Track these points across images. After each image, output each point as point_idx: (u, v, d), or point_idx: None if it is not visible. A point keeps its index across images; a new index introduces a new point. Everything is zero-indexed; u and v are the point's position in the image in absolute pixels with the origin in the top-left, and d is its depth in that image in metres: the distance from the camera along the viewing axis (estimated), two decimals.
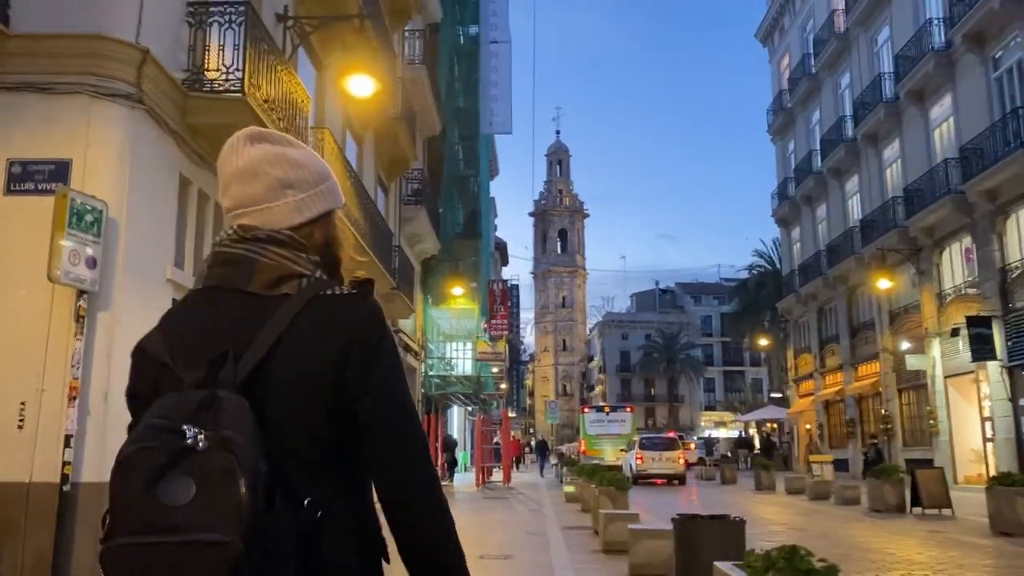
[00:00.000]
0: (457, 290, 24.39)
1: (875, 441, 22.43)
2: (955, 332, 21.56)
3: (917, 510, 15.57)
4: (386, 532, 1.35)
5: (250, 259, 1.34)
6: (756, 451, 40.43)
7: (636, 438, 30.20)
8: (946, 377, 23.51)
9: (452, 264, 25.59)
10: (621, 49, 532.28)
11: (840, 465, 27.96)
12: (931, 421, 23.97)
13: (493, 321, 30.29)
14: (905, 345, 24.84)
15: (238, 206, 1.39)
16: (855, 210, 30.16)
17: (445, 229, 24.87)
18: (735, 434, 66.56)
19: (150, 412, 1.20)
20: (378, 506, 1.35)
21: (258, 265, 1.33)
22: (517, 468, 40.38)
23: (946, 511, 15.30)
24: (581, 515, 15.46)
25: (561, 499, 20.31)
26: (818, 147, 33.00)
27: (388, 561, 1.36)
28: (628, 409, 36.01)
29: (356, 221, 14.24)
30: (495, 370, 39.73)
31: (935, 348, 23.82)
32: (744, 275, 51.54)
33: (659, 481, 27.05)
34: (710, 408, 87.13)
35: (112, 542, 1.12)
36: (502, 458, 26.94)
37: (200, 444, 1.14)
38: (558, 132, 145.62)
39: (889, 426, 26.74)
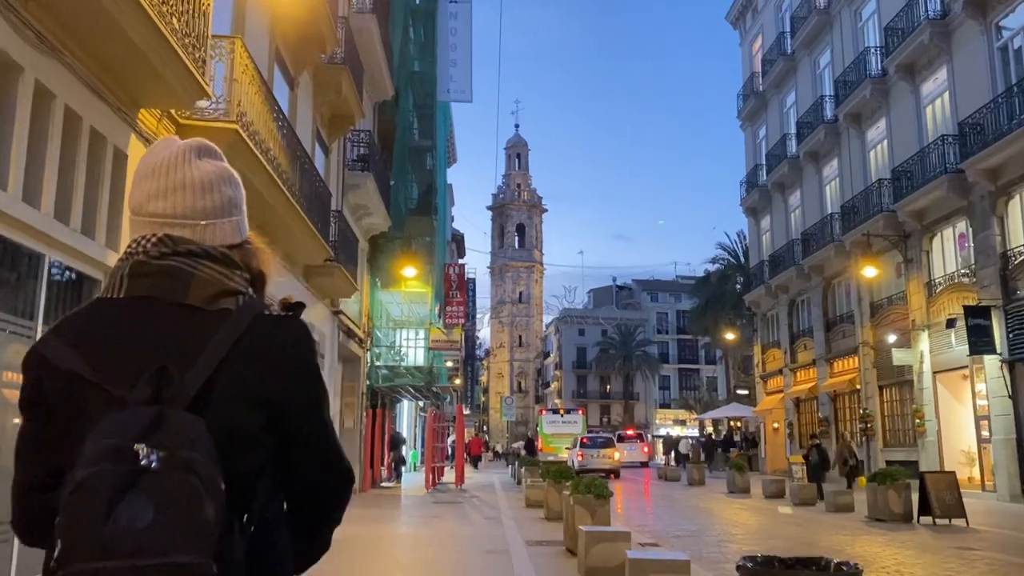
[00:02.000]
0: (409, 271, 22.00)
1: (817, 442, 20.43)
2: (950, 323, 19.86)
3: (926, 519, 13.74)
4: None
5: (186, 272, 1.31)
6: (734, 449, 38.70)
7: (580, 437, 33.56)
8: (935, 373, 21.86)
9: (404, 242, 23.22)
10: (574, 44, 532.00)
11: None
12: (917, 420, 22.31)
13: (448, 308, 28.00)
14: (891, 338, 23.13)
15: (179, 216, 1.35)
16: (834, 196, 28.49)
17: (397, 204, 22.50)
18: (692, 433, 65.28)
19: (97, 433, 1.15)
20: None
21: (195, 279, 1.31)
22: (475, 467, 40.05)
23: (958, 521, 13.48)
24: (546, 525, 13.30)
25: (520, 503, 18.17)
26: (793, 131, 31.30)
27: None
28: (580, 411, 42.23)
29: (283, 171, 11.89)
30: (449, 364, 37.50)
31: (923, 341, 22.16)
32: (703, 272, 50.20)
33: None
34: (665, 406, 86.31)
35: (70, 568, 1.08)
36: (455, 458, 24.63)
37: (154, 464, 1.11)
38: (517, 126, 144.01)
39: (869, 425, 25.06)
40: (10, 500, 1.29)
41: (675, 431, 73.53)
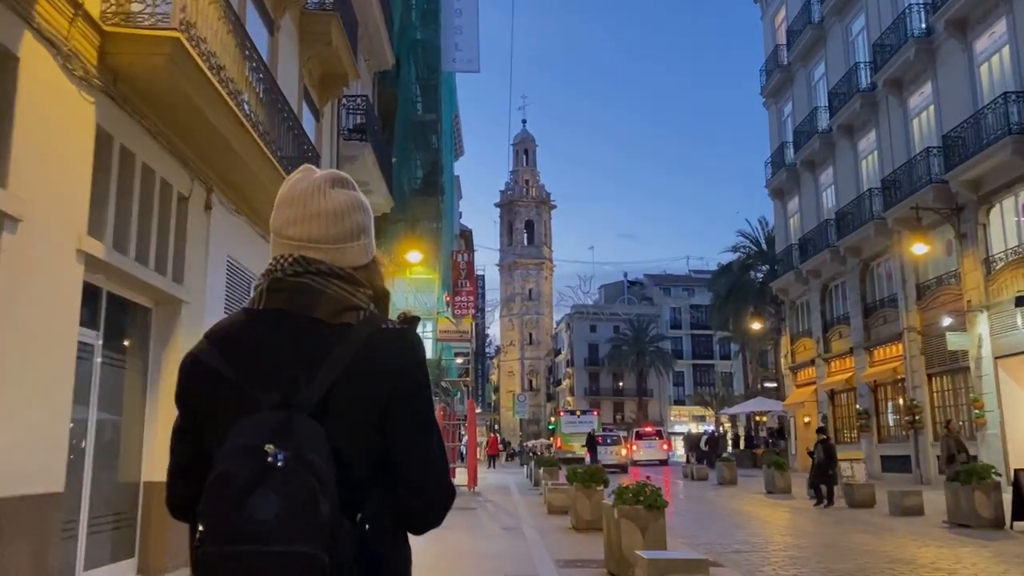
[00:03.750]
0: (414, 255, 19.98)
1: (824, 437, 18.09)
2: (1020, 301, 17.76)
3: (1020, 524, 11.69)
4: None
5: (317, 289, 1.45)
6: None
7: (596, 436, 36.96)
8: (996, 358, 19.73)
9: (408, 225, 21.23)
10: (584, 45, 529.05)
11: None
12: (975, 411, 20.20)
13: (458, 298, 25.99)
14: (945, 321, 21.00)
15: (313, 240, 1.49)
16: (871, 171, 26.38)
17: (399, 183, 20.55)
18: (709, 428, 62.99)
19: (235, 431, 1.30)
20: None
21: (324, 296, 1.45)
22: (492, 466, 39.38)
23: None
24: (575, 538, 11.32)
25: (541, 508, 16.22)
26: (824, 103, 29.18)
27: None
28: (595, 412, 46.53)
29: (260, 123, 9.96)
30: (459, 361, 35.57)
31: (981, 324, 20.04)
32: (716, 265, 47.90)
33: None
34: (679, 403, 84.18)
35: (208, 547, 1.24)
36: (467, 458, 22.66)
37: (280, 463, 1.24)
38: (524, 121, 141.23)
39: (917, 417, 22.95)
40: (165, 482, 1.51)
41: (691, 427, 71.37)
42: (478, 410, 52.17)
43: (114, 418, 8.15)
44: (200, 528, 1.25)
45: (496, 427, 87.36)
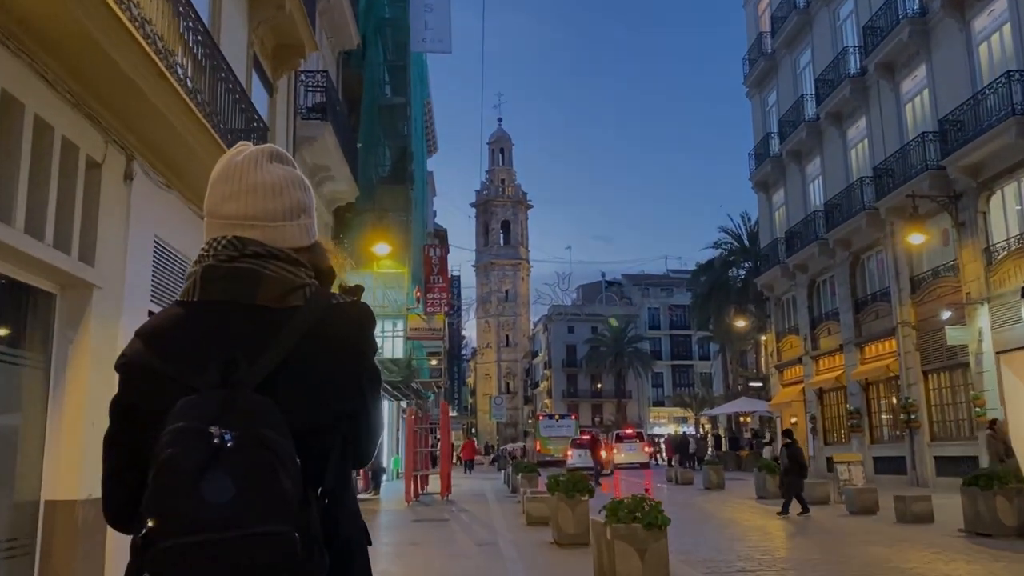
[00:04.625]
0: (382, 247, 18.59)
1: (789, 441, 16.83)
2: None
3: None
4: None
5: (254, 273, 1.37)
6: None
7: (574, 439, 38.21)
8: (997, 353, 18.72)
9: (376, 216, 19.85)
10: (553, 47, 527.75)
11: None
12: (976, 409, 19.18)
13: (430, 295, 24.60)
14: (944, 315, 19.96)
15: (248, 218, 1.42)
16: (861, 160, 25.38)
17: (366, 171, 19.22)
18: (687, 430, 61.93)
19: (172, 416, 1.22)
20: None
21: (263, 279, 1.37)
22: (468, 472, 38.66)
23: None
24: (559, 555, 10.06)
25: (519, 518, 14.96)
26: (810, 91, 28.17)
27: (371, 543, 1.46)
28: (573, 416, 49.13)
29: (198, 92, 8.66)
30: (433, 362, 34.20)
31: (982, 317, 19.04)
32: (695, 265, 46.87)
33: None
34: (658, 404, 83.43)
35: (162, 543, 1.15)
36: (441, 464, 21.31)
37: (229, 443, 1.17)
38: (500, 120, 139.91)
39: (913, 416, 21.92)
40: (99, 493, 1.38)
41: (670, 429, 70.46)
42: (454, 413, 50.86)
43: (8, 424, 6.79)
44: (149, 524, 1.16)
45: (473, 431, 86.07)
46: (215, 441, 1.16)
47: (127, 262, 7.90)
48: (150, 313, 8.98)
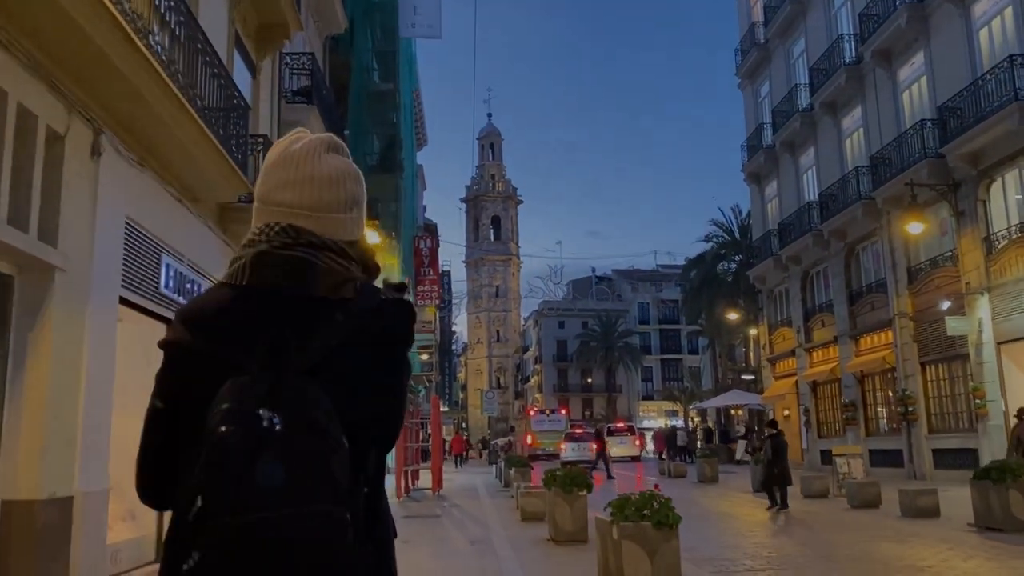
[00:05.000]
0: (371, 236, 18.09)
1: (774, 431, 16.28)
2: None
3: None
4: None
5: (309, 263, 1.36)
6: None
7: (568, 433, 39.88)
8: (998, 343, 18.39)
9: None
10: (544, 41, 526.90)
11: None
12: (976, 401, 18.84)
13: (420, 288, 24.08)
14: (943, 305, 19.59)
15: (305, 207, 1.40)
16: (856, 149, 25.00)
17: (355, 159, 18.55)
18: (675, 423, 61.65)
19: (221, 396, 1.21)
20: None
21: (317, 269, 1.36)
22: (459, 466, 38.60)
23: None
24: (556, 553, 9.61)
25: (512, 514, 14.52)
26: (804, 80, 27.77)
27: (396, 534, 1.44)
28: (563, 411, 51.10)
29: (174, 67, 8.15)
30: (424, 357, 33.71)
31: (982, 307, 18.68)
32: (684, 260, 46.50)
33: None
34: (648, 398, 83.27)
35: (216, 520, 1.14)
36: (432, 459, 20.80)
37: (277, 427, 1.17)
38: (489, 115, 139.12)
39: (910, 409, 21.58)
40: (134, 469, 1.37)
41: (660, 423, 70.21)
42: (445, 408, 50.37)
43: None
44: (199, 503, 1.16)
45: (464, 426, 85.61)
46: (264, 424, 1.16)
47: (95, 244, 7.37)
48: (121, 299, 8.46)
